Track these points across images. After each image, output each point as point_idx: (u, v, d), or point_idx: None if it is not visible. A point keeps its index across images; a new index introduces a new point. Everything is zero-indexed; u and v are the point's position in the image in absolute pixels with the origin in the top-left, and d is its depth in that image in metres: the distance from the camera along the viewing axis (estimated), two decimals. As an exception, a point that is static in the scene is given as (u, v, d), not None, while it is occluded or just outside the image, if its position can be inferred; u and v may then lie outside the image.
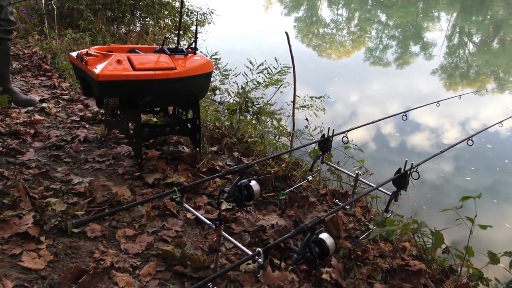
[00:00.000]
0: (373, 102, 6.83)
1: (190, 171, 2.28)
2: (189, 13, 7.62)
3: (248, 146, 2.58)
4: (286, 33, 5.39)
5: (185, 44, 7.53)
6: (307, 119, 5.81)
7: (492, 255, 1.49)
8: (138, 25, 6.92)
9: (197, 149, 2.41)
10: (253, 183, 1.57)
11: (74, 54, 2.18)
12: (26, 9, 5.45)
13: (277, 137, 2.77)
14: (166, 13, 7.10)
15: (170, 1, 7.01)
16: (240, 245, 1.36)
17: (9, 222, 1.62)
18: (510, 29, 15.05)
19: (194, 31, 8.38)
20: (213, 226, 1.38)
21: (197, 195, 2.10)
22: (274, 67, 5.95)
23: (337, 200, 2.13)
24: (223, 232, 1.40)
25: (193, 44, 2.30)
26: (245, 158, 2.49)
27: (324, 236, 1.21)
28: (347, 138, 2.18)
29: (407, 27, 15.23)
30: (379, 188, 1.75)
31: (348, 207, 2.06)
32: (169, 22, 7.30)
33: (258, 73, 5.73)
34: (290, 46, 5.39)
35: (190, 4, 7.82)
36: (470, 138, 2.29)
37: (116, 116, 2.38)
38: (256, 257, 1.13)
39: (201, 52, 2.36)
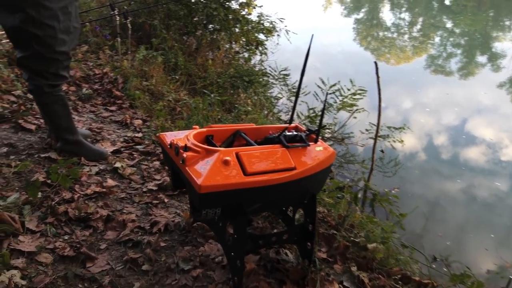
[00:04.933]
0: (429, 113, 6.22)
1: (298, 295, 1.75)
2: (260, 23, 6.90)
3: (366, 254, 2.00)
4: (375, 62, 4.70)
5: (259, 59, 6.99)
6: (382, 151, 5.16)
7: None
8: (209, 39, 6.46)
9: (307, 260, 1.87)
10: None
11: (167, 138, 1.70)
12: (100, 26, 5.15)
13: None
14: (238, 26, 6.61)
15: (245, 15, 6.51)
16: None
17: None
18: None
19: (265, 47, 7.60)
20: None
21: None
22: (348, 88, 5.34)
23: None
24: None
25: (317, 131, 1.75)
26: (364, 274, 1.92)
27: None
28: None
29: (475, 36, 14.06)
30: None
31: None
32: (242, 36, 6.77)
33: (330, 93, 5.15)
34: (378, 77, 4.71)
35: (261, 14, 7.13)
36: None
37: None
38: None
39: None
